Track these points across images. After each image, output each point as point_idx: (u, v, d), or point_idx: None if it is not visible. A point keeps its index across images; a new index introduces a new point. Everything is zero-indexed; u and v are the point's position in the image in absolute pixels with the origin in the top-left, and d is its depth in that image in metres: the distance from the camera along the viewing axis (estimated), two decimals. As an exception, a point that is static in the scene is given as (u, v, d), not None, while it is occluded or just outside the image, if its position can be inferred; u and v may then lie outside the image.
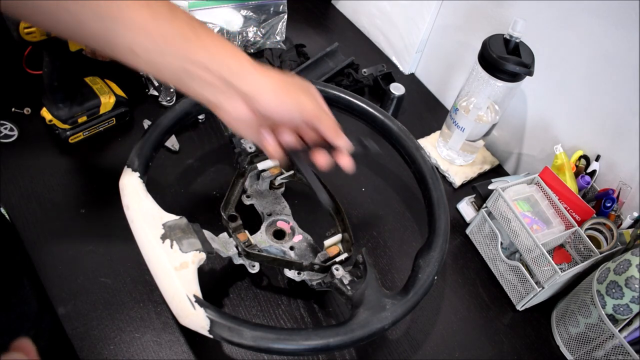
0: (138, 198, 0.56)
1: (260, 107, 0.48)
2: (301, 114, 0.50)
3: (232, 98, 0.47)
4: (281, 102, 0.48)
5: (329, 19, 1.14)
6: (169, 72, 0.46)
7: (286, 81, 0.49)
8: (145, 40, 0.43)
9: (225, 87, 0.47)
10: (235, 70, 0.46)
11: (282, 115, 0.49)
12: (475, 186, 0.80)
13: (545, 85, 0.80)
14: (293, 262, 0.62)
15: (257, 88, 0.47)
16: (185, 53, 0.45)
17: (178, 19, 0.45)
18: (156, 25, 0.43)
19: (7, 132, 0.74)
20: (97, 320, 0.60)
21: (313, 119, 0.51)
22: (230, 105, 0.48)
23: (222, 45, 0.47)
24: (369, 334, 0.51)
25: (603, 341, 0.63)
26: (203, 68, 0.45)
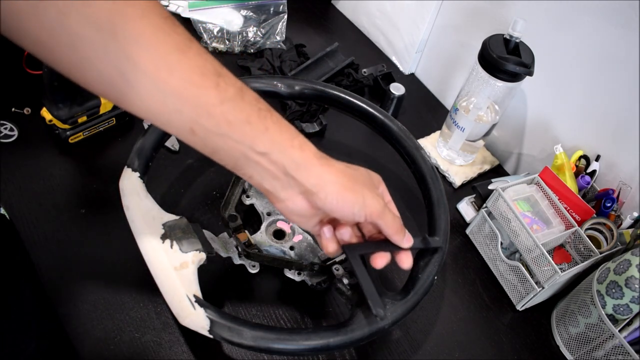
0: (138, 198, 0.56)
1: (321, 203, 0.44)
2: (364, 213, 0.46)
3: (291, 191, 0.44)
4: (344, 200, 0.45)
5: (329, 19, 1.14)
6: (227, 156, 0.42)
7: (351, 176, 0.46)
8: (207, 122, 0.40)
9: (286, 180, 0.44)
10: (299, 163, 0.43)
11: (344, 214, 0.46)
12: (475, 186, 0.80)
13: (545, 85, 0.80)
14: (293, 262, 0.62)
15: (319, 184, 0.44)
16: (247, 140, 0.41)
17: (245, 101, 0.41)
18: (222, 108, 0.40)
19: (7, 132, 0.74)
20: (97, 320, 0.60)
21: (376, 218, 0.47)
22: (290, 199, 0.45)
23: (287, 133, 0.43)
24: (369, 334, 0.51)
25: (603, 341, 0.63)
26: (264, 157, 0.42)
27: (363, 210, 0.46)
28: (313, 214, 0.47)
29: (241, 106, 0.41)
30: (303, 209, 0.45)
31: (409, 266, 0.51)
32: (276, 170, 0.43)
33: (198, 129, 0.40)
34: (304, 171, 0.43)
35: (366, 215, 0.46)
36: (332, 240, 0.50)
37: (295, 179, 0.43)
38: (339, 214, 0.46)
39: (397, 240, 0.49)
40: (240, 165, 0.43)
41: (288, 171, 0.43)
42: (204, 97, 0.39)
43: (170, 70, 0.38)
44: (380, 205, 0.47)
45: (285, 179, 0.44)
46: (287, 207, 0.46)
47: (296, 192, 0.44)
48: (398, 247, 0.50)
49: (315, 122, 0.87)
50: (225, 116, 0.40)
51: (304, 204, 0.45)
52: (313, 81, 0.73)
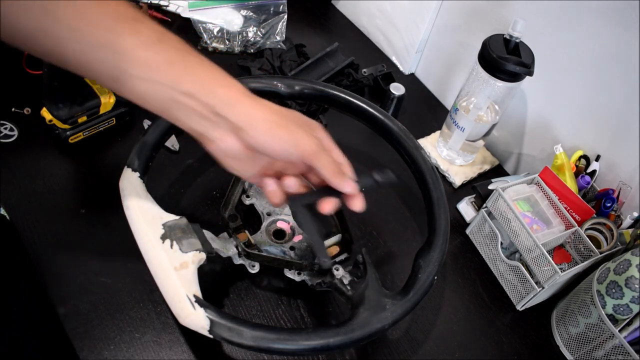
0: (138, 198, 0.56)
1: (252, 140, 0.44)
2: (297, 151, 0.45)
3: (221, 130, 0.44)
4: (274, 136, 0.44)
5: (329, 19, 1.14)
6: (155, 100, 0.43)
7: (283, 114, 0.46)
8: (130, 68, 0.41)
9: (215, 119, 0.43)
10: (225, 100, 0.43)
11: (276, 151, 0.45)
12: (475, 186, 0.80)
13: (545, 85, 0.80)
14: (293, 262, 0.62)
15: (249, 120, 0.44)
16: (171, 81, 0.42)
17: (166, 44, 0.42)
18: (142, 52, 0.41)
19: (7, 132, 0.74)
20: (97, 320, 0.60)
21: (310, 157, 0.46)
22: (221, 138, 0.44)
23: (212, 73, 0.44)
24: (369, 334, 0.51)
25: (603, 341, 0.63)
26: (190, 97, 0.42)
27: (295, 149, 0.45)
28: (248, 157, 0.46)
29: (162, 49, 0.41)
30: (236, 148, 0.45)
31: (359, 209, 0.49)
32: (204, 110, 0.43)
33: (121, 75, 0.41)
34: (232, 108, 0.43)
35: (300, 155, 0.45)
36: (276, 192, 0.49)
37: (224, 117, 0.43)
38: (270, 152, 0.45)
39: (335, 183, 0.48)
40: (169, 108, 0.43)
41: (216, 110, 0.43)
42: (123, 42, 0.40)
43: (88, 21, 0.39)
44: (314, 145, 0.46)
45: (214, 118, 0.43)
46: (219, 148, 0.45)
47: (226, 130, 0.44)
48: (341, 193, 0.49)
49: (315, 122, 0.87)
50: (146, 60, 0.41)
51: (236, 143, 0.45)
52: (313, 81, 0.73)
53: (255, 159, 0.47)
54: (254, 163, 0.48)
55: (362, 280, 0.56)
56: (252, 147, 0.45)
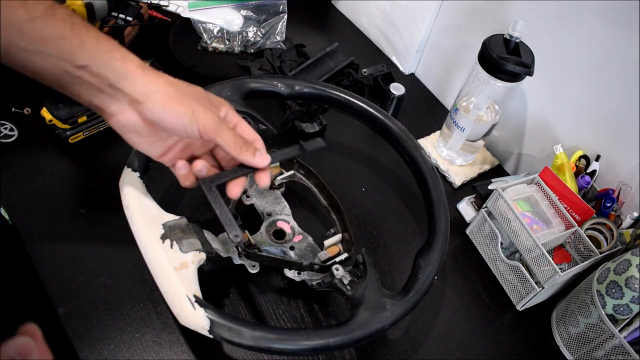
0: (138, 198, 0.56)
1: (149, 113, 0.44)
2: (196, 127, 0.45)
3: (119, 104, 0.44)
4: (171, 111, 0.44)
5: (329, 19, 1.14)
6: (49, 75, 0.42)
7: (181, 89, 0.45)
8: (21, 41, 0.40)
9: (112, 92, 0.43)
10: (121, 72, 0.43)
11: (173, 125, 0.44)
12: (475, 186, 0.80)
13: (545, 85, 0.80)
14: (293, 262, 0.62)
15: (145, 92, 0.43)
16: (64, 55, 0.41)
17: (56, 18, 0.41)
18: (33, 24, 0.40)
19: (7, 132, 0.74)
20: (97, 320, 0.60)
21: (209, 133, 0.45)
22: (120, 112, 0.44)
23: (106, 46, 0.43)
24: (369, 334, 0.51)
25: (603, 341, 0.63)
26: (85, 70, 0.42)
27: (194, 124, 0.45)
28: (150, 132, 0.46)
29: (52, 22, 0.41)
30: (136, 123, 0.45)
31: (265, 184, 0.50)
32: (100, 83, 0.42)
33: (14, 49, 0.41)
34: (128, 81, 0.43)
35: (199, 130, 0.45)
36: (187, 175, 0.49)
37: (121, 90, 0.43)
38: (168, 126, 0.45)
39: (244, 159, 0.48)
40: (65, 83, 0.43)
41: (112, 82, 0.42)
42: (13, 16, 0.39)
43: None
44: (214, 120, 0.46)
45: (111, 91, 0.43)
46: (120, 123, 0.45)
47: (124, 104, 0.44)
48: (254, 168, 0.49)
49: (315, 122, 0.87)
50: (38, 33, 0.40)
51: (135, 117, 0.44)
52: (313, 81, 0.73)
53: (159, 136, 0.47)
54: (159, 141, 0.47)
55: (362, 280, 0.56)
56: (151, 122, 0.45)
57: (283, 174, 0.71)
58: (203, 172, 0.49)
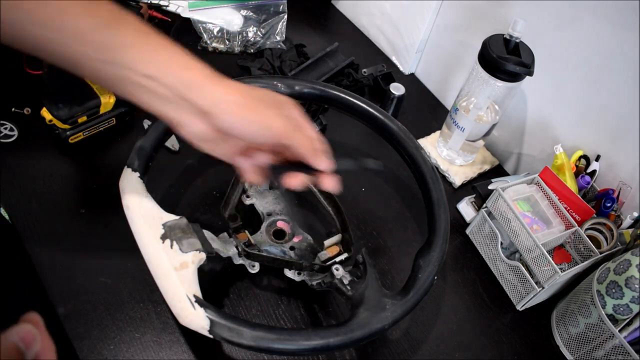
0: (138, 198, 0.56)
1: (221, 124, 0.43)
2: (270, 134, 0.44)
3: (189, 114, 0.43)
4: (244, 120, 0.43)
5: (329, 19, 1.14)
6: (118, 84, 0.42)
7: (251, 96, 0.45)
8: (89, 50, 0.39)
9: (180, 102, 0.42)
10: (189, 83, 0.42)
11: (248, 135, 0.44)
12: (475, 186, 0.80)
13: (545, 85, 0.80)
14: (293, 262, 0.62)
15: (215, 103, 0.42)
16: (132, 64, 0.41)
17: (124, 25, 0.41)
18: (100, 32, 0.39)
19: (7, 132, 0.74)
20: (97, 320, 0.60)
21: (284, 139, 0.45)
22: (188, 123, 0.43)
23: (175, 55, 0.42)
24: (369, 334, 0.51)
25: (603, 341, 0.63)
26: (153, 80, 0.41)
27: (267, 130, 0.44)
28: (219, 138, 0.45)
29: (121, 30, 0.40)
30: (205, 132, 0.44)
31: (332, 188, 0.49)
32: (168, 92, 0.42)
33: (81, 58, 0.40)
34: (198, 92, 0.42)
35: (273, 136, 0.45)
36: (251, 170, 0.49)
37: (189, 101, 0.42)
38: (242, 135, 0.44)
39: (313, 162, 0.47)
40: (132, 91, 0.42)
41: (180, 93, 0.42)
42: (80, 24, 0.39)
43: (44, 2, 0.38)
44: (286, 125, 0.45)
45: (179, 102, 0.42)
46: (189, 132, 0.44)
47: (193, 114, 0.43)
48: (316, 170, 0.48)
49: (315, 122, 0.87)
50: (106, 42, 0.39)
51: (204, 127, 0.43)
52: (313, 81, 0.73)
53: (227, 141, 0.46)
54: (228, 144, 0.47)
55: (362, 280, 0.56)
56: (222, 130, 0.44)
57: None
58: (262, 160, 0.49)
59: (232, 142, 0.47)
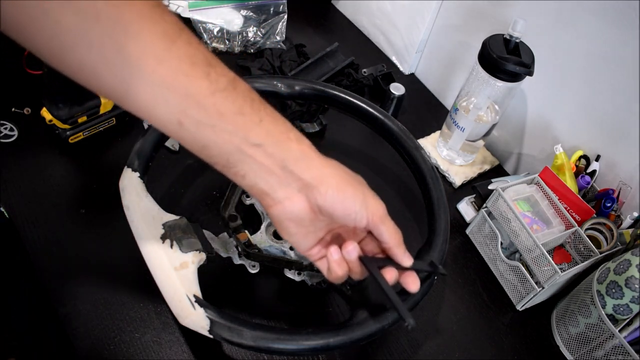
0: (138, 198, 0.56)
1: (322, 199, 0.41)
2: (366, 214, 0.43)
3: (289, 189, 0.41)
4: (345, 195, 0.41)
5: (329, 19, 1.14)
6: (219, 150, 0.40)
7: (351, 174, 0.44)
8: (197, 113, 0.37)
9: (283, 175, 0.40)
10: (297, 156, 0.40)
11: (345, 211, 0.42)
12: (475, 186, 0.80)
13: (545, 85, 0.80)
14: (293, 262, 0.62)
15: (320, 177, 0.41)
16: (240, 131, 0.39)
17: (237, 92, 0.39)
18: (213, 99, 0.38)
19: (7, 132, 0.74)
20: (97, 320, 0.60)
21: (377, 222, 0.44)
22: (288, 198, 0.41)
23: (283, 126, 0.41)
24: (369, 334, 0.51)
25: (603, 341, 0.63)
26: (259, 150, 0.39)
27: (365, 210, 0.43)
28: (312, 221, 0.43)
29: (233, 97, 0.39)
30: (302, 210, 0.42)
31: (416, 288, 0.47)
32: (272, 164, 0.40)
33: (187, 120, 0.38)
34: (302, 164, 0.41)
35: (368, 217, 0.43)
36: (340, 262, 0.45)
37: (294, 173, 0.40)
38: (339, 211, 0.42)
39: (398, 253, 0.46)
40: (234, 161, 0.40)
41: (286, 164, 0.40)
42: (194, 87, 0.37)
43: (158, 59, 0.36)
44: (382, 208, 0.44)
45: (282, 174, 0.40)
46: (285, 210, 0.42)
47: (295, 189, 0.41)
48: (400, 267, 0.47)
49: (315, 122, 0.87)
50: (217, 107, 0.38)
51: (303, 204, 0.42)
52: (313, 81, 0.73)
53: (316, 225, 0.44)
54: (315, 229, 0.45)
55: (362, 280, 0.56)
56: (319, 208, 0.42)
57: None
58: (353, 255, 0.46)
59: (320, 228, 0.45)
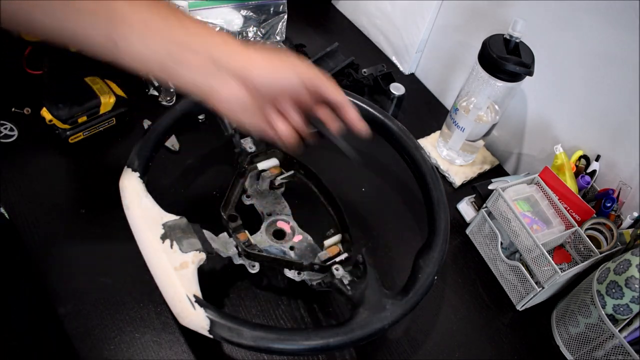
0: (138, 198, 0.56)
1: (256, 80, 0.46)
2: (300, 78, 0.48)
3: (224, 79, 0.45)
4: (276, 69, 0.47)
5: (329, 19, 1.14)
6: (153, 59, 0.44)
7: (277, 53, 0.49)
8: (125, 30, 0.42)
9: (215, 68, 0.45)
10: (223, 49, 0.45)
11: (281, 83, 0.48)
12: (475, 186, 0.80)
13: (545, 85, 0.80)
14: (293, 262, 0.62)
15: (250, 63, 0.46)
16: (168, 36, 0.43)
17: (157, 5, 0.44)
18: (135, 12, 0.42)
19: (7, 132, 0.74)
20: (97, 320, 0.60)
21: (313, 79, 0.49)
22: (224, 88, 0.46)
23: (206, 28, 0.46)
24: (369, 334, 0.51)
25: (603, 341, 0.63)
26: (189, 50, 0.44)
27: (296, 74, 0.48)
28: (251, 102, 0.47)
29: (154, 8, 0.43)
30: (240, 94, 0.46)
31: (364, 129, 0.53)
32: (203, 60, 0.44)
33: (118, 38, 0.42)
34: (231, 55, 0.45)
35: (304, 80, 0.48)
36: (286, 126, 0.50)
37: (225, 64, 0.45)
38: (277, 86, 0.47)
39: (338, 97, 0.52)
40: (170, 67, 0.44)
41: (215, 58, 0.45)
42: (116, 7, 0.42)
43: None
44: (313, 69, 0.50)
45: (214, 68, 0.45)
46: (224, 98, 0.46)
47: (229, 77, 0.45)
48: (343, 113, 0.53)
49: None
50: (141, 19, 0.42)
51: (240, 89, 0.46)
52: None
53: (259, 104, 0.48)
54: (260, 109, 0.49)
55: (362, 280, 0.56)
56: (256, 88, 0.47)
57: (283, 174, 0.71)
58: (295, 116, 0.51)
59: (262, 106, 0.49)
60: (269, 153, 0.72)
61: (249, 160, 0.70)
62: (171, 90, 0.85)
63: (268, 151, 0.72)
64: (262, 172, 0.70)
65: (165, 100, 0.84)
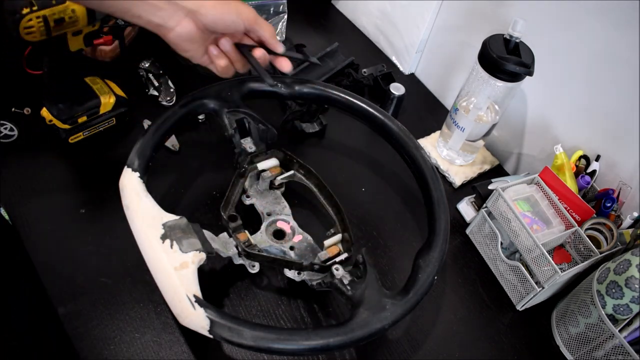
0: (138, 198, 0.56)
1: (204, 18, 0.55)
2: (242, 20, 0.57)
3: (177, 17, 0.54)
4: (222, 11, 0.56)
5: (329, 19, 1.14)
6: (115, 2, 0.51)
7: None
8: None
9: (171, 8, 0.53)
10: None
11: (225, 23, 0.56)
12: (475, 186, 0.80)
13: (545, 85, 0.80)
14: (293, 262, 0.62)
15: (199, 3, 0.54)
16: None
17: None
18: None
19: (7, 132, 0.74)
20: (97, 320, 0.60)
21: (253, 24, 0.58)
22: (178, 24, 0.54)
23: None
24: (369, 334, 0.51)
25: (603, 341, 0.63)
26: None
27: (240, 18, 0.57)
28: (200, 37, 0.57)
29: None
30: (191, 31, 0.55)
31: (288, 69, 0.62)
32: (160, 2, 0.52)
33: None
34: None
35: (244, 22, 0.57)
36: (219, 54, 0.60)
37: (178, 4, 0.53)
38: (222, 25, 0.56)
39: (273, 43, 0.61)
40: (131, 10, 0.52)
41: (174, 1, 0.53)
42: None
43: None
44: (253, 13, 0.58)
45: (170, 8, 0.53)
46: (177, 34, 0.55)
47: (182, 15, 0.54)
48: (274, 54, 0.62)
49: (315, 122, 0.87)
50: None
51: (191, 26, 0.55)
52: (313, 81, 0.73)
53: (204, 38, 0.58)
54: (204, 42, 0.58)
55: (362, 280, 0.56)
56: (204, 26, 0.56)
57: (283, 174, 0.71)
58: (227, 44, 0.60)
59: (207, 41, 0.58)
60: (269, 153, 0.72)
61: (249, 160, 0.70)
62: (171, 90, 0.85)
63: (268, 151, 0.72)
64: (262, 172, 0.70)
65: (165, 100, 0.84)
